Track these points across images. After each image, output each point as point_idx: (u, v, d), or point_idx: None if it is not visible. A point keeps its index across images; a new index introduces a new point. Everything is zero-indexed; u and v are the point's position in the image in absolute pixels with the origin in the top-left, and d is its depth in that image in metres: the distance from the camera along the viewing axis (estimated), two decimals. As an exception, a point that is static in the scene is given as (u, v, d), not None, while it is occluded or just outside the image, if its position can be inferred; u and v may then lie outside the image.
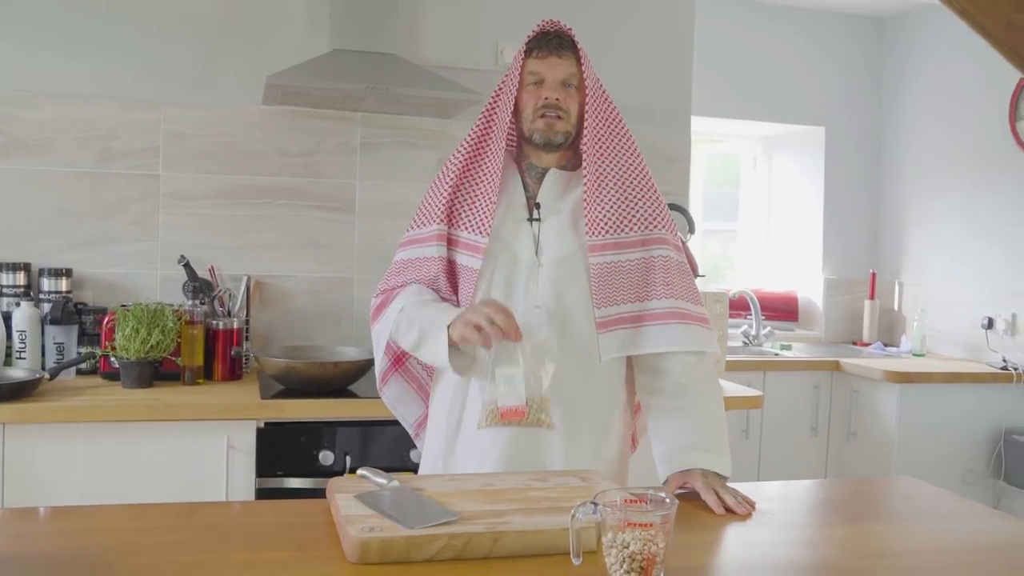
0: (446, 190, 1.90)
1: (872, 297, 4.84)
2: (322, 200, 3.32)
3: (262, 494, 2.63)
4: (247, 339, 3.15)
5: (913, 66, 4.78)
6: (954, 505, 1.81)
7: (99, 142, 3.15)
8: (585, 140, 1.86)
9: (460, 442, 1.88)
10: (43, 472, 2.50)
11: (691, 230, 3.52)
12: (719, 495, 1.70)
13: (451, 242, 1.90)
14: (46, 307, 2.98)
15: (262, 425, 2.66)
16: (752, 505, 1.70)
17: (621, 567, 1.28)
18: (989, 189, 4.33)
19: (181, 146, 3.21)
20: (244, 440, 2.63)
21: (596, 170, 1.85)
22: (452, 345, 1.79)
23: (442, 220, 1.89)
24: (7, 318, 2.91)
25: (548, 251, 1.87)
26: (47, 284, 3.03)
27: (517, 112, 1.88)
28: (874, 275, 4.84)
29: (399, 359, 2.01)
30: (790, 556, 1.53)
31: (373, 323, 1.98)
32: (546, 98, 1.84)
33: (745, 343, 4.61)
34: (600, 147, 1.86)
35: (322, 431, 2.69)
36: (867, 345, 4.72)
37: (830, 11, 4.84)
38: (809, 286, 4.99)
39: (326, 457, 2.68)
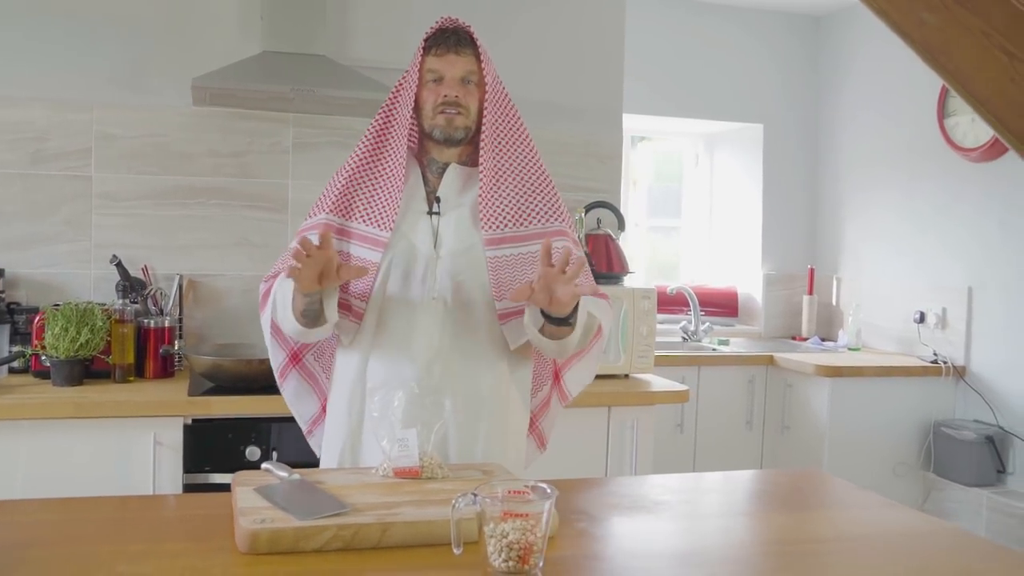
0: (341, 183, 1.93)
1: (810, 292, 4.94)
2: (254, 200, 3.35)
3: (189, 489, 2.66)
4: (180, 337, 3.18)
5: (848, 64, 4.88)
6: (855, 496, 1.88)
7: (31, 144, 3.16)
8: (484, 136, 1.91)
9: (363, 441, 1.92)
10: (-31, 470, 2.54)
11: (621, 227, 3.59)
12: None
13: (345, 233, 1.91)
14: (-23, 307, 2.99)
15: (189, 422, 2.70)
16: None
17: (499, 556, 1.34)
18: (922, 184, 4.44)
19: (113, 147, 3.23)
20: (171, 437, 2.67)
21: (493, 166, 1.90)
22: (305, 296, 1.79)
23: (332, 211, 1.92)
24: (-63, 318, 2.93)
25: (447, 244, 1.90)
26: (-22, 284, 3.04)
27: (417, 109, 1.92)
28: (812, 270, 4.94)
29: (296, 355, 2.04)
30: (677, 545, 1.59)
31: (262, 311, 1.99)
32: (445, 95, 1.88)
33: (684, 338, 4.69)
34: (497, 143, 1.91)
35: (249, 427, 2.73)
36: (805, 340, 4.82)
37: (768, 9, 4.93)
38: (749, 282, 5.08)
39: (252, 453, 2.73)
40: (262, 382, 2.82)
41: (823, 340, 4.76)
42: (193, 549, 1.43)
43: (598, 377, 3.20)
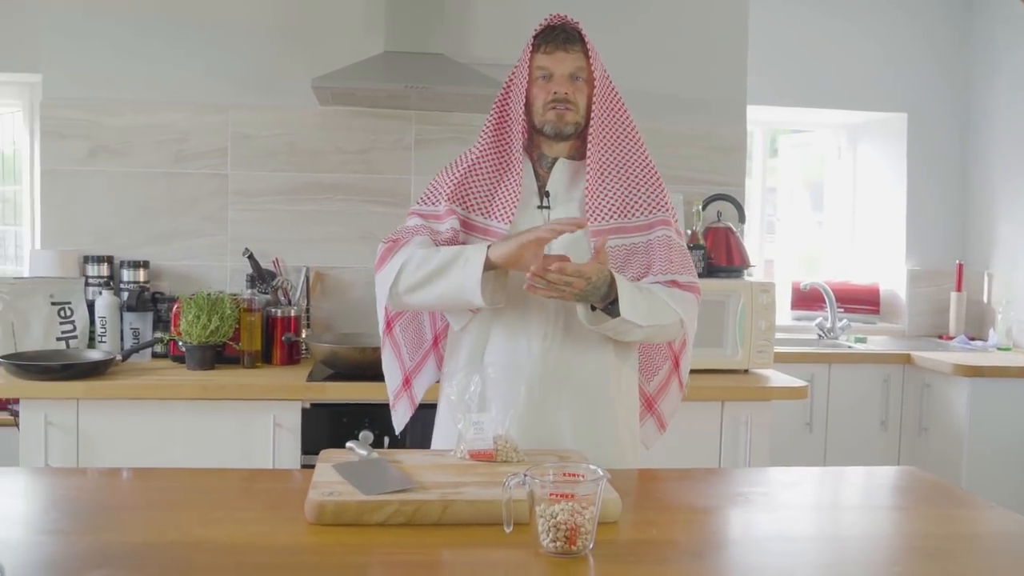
0: (458, 175, 1.99)
1: (959, 289, 4.68)
2: (378, 195, 3.49)
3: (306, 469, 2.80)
4: (308, 326, 3.35)
5: (1003, 45, 4.58)
6: (957, 496, 1.80)
7: (174, 145, 3.40)
8: (591, 131, 1.94)
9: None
10: (110, 442, 2.77)
11: (741, 220, 3.52)
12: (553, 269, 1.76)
13: (466, 224, 1.98)
14: (125, 296, 3.24)
15: (308, 406, 2.84)
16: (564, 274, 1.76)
17: (548, 535, 1.37)
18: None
19: (247, 146, 3.43)
20: (290, 419, 2.82)
21: (599, 160, 1.94)
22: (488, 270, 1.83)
23: (451, 200, 1.98)
24: (91, 305, 3.19)
25: (558, 237, 1.93)
26: (127, 275, 3.29)
27: (528, 105, 1.96)
28: (961, 266, 4.68)
29: (389, 323, 2.08)
30: (734, 534, 1.58)
31: (380, 267, 1.96)
32: (555, 92, 1.92)
33: (820, 336, 4.55)
34: (605, 137, 1.95)
35: (363, 412, 2.85)
36: (952, 339, 4.58)
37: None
38: (892, 278, 4.87)
39: (366, 437, 2.82)
40: (376, 369, 2.92)
41: (971, 339, 4.51)
42: (266, 517, 1.52)
43: (712, 371, 3.20)
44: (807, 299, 4.76)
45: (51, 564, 1.31)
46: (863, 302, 4.88)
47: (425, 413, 2.18)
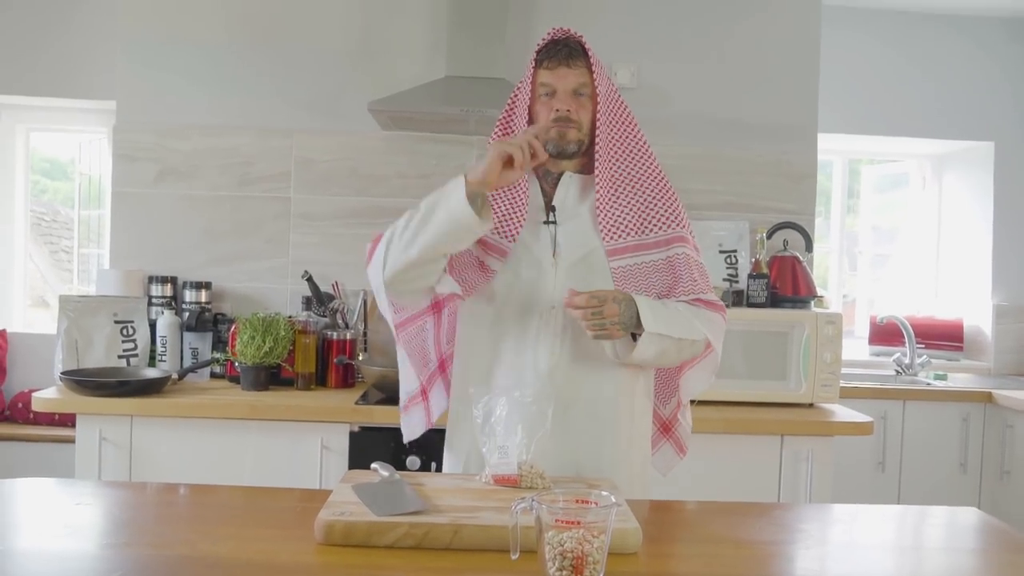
0: None
1: (1048, 326, 4.45)
2: (437, 220, 3.48)
3: (353, 493, 2.79)
4: (364, 350, 3.35)
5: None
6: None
7: (239, 168, 3.47)
8: (598, 146, 1.89)
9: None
10: (162, 459, 2.81)
11: (808, 249, 3.41)
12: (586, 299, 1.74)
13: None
14: (187, 316, 3.30)
15: (356, 429, 2.83)
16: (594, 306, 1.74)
17: (553, 564, 1.31)
18: None
19: (310, 170, 3.47)
20: (337, 442, 2.82)
21: (609, 175, 1.89)
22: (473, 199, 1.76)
23: None
24: (153, 325, 3.26)
25: (565, 252, 1.90)
26: (189, 295, 3.36)
27: (531, 122, 1.93)
28: (1051, 302, 4.46)
29: (397, 329, 2.00)
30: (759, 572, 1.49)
31: (369, 260, 1.93)
32: (557, 109, 1.88)
33: (898, 372, 4.36)
34: (613, 151, 1.90)
35: (410, 437, 2.82)
36: (1041, 378, 4.35)
37: (994, 16, 4.53)
38: (977, 313, 4.65)
39: (413, 462, 2.81)
40: (427, 394, 2.92)
41: (1062, 379, 4.28)
42: (274, 535, 1.51)
43: (775, 404, 3.09)
44: (886, 334, 4.59)
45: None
46: (946, 338, 4.68)
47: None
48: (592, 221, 1.92)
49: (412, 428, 2.08)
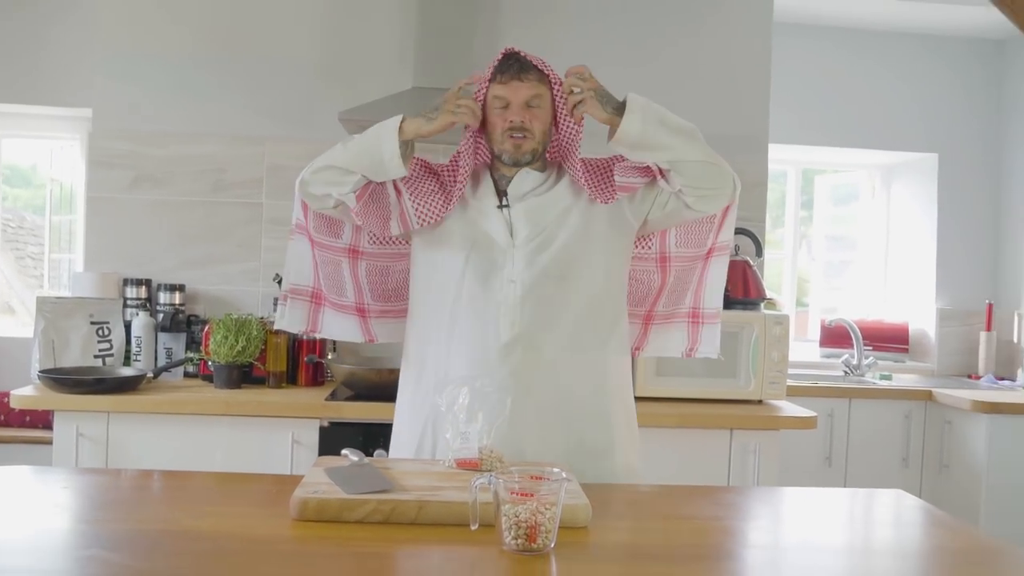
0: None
1: (988, 328, 4.66)
2: (404, 225, 3.62)
3: (321, 486, 2.91)
4: (334, 350, 3.47)
5: (1035, 89, 4.61)
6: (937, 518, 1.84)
7: (212, 175, 3.58)
8: (560, 138, 2.08)
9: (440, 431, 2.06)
10: (138, 452, 2.92)
11: (759, 253, 3.59)
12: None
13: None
14: (161, 317, 3.40)
15: (326, 424, 2.96)
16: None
17: (510, 533, 1.45)
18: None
19: (282, 177, 3.59)
20: (308, 437, 2.94)
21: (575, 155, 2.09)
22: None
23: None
24: (128, 326, 3.36)
25: (521, 233, 2.03)
26: (163, 297, 3.46)
27: (487, 133, 2.07)
28: (991, 306, 4.67)
29: (317, 244, 2.25)
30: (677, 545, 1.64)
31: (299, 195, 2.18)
32: (511, 121, 2.02)
33: (846, 372, 4.56)
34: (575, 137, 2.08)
35: (378, 431, 2.94)
36: (980, 378, 4.56)
37: (946, 35, 4.74)
38: (922, 316, 4.86)
39: (380, 455, 2.93)
40: (393, 390, 3.04)
41: (1000, 379, 4.48)
42: (253, 513, 1.63)
43: (725, 401, 3.25)
44: (837, 337, 4.78)
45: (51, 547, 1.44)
46: (893, 340, 4.88)
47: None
48: (543, 203, 2.05)
49: (292, 322, 2.28)
